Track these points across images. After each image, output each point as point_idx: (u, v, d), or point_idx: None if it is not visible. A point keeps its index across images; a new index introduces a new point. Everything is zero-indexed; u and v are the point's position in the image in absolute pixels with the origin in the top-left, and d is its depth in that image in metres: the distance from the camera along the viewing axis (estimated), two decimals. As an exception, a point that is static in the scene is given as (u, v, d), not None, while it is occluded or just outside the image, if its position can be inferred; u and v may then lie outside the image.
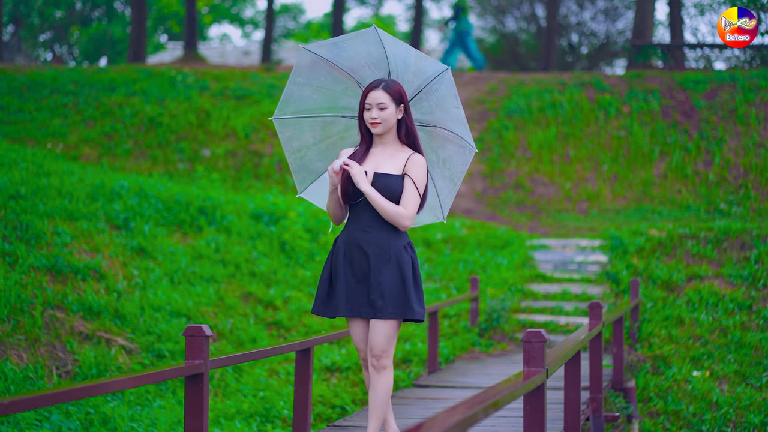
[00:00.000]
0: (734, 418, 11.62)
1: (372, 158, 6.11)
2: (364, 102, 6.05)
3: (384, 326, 5.99)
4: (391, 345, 6.02)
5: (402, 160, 6.06)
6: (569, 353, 6.72)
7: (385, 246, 6.00)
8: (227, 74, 23.69)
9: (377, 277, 5.97)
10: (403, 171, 6.03)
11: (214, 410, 10.02)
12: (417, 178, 6.02)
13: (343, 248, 6.09)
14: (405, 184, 6.00)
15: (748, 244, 15.04)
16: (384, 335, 5.99)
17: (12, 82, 22.15)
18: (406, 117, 6.09)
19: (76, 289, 11.16)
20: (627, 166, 20.75)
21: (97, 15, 40.51)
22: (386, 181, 6.00)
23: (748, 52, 26.98)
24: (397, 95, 6.04)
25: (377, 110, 6.02)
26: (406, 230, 6.08)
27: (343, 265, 6.06)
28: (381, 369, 6.02)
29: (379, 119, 6.02)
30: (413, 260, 6.07)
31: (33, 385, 9.40)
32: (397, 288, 5.98)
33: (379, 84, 6.05)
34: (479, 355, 12.76)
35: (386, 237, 6.01)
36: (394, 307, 5.98)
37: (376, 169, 6.05)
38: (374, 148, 6.14)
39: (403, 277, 5.99)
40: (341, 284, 6.06)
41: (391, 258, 5.99)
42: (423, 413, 8.74)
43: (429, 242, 16.08)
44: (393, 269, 5.98)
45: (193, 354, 5.93)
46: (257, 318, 12.68)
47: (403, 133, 6.11)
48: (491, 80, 24.56)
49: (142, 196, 14.24)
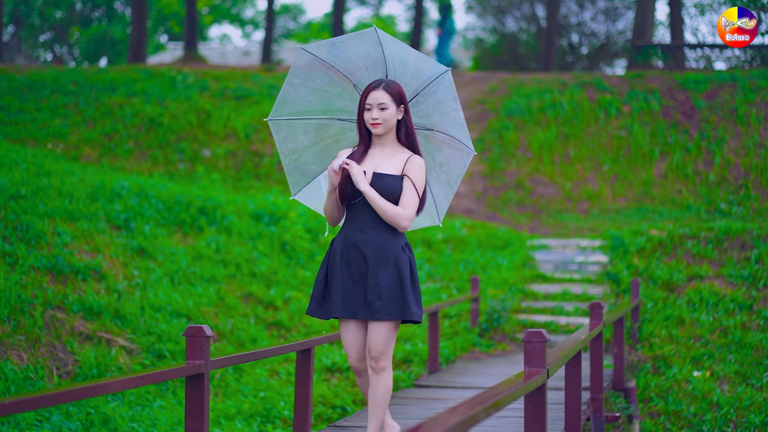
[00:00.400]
0: (735, 419, 11.62)
1: (371, 159, 6.07)
2: (365, 102, 6.02)
3: (382, 327, 5.94)
4: (390, 346, 5.98)
5: (401, 160, 6.03)
6: (570, 353, 6.71)
7: (383, 247, 5.95)
8: (227, 74, 23.69)
9: (375, 278, 5.92)
10: (402, 172, 5.99)
11: (214, 410, 10.01)
12: (416, 180, 5.98)
13: (340, 249, 6.04)
14: (404, 185, 5.97)
15: (749, 244, 15.03)
16: (382, 337, 5.95)
17: (12, 83, 22.15)
18: (405, 118, 6.06)
19: (76, 289, 11.15)
20: (627, 166, 20.75)
21: (97, 15, 40.51)
22: (385, 181, 5.97)
23: (749, 52, 26.98)
24: (397, 96, 6.01)
25: (378, 110, 5.99)
26: (404, 231, 6.04)
27: (339, 266, 6.01)
28: (380, 371, 5.98)
29: (380, 120, 5.99)
30: (411, 261, 6.03)
31: (33, 385, 9.39)
32: (395, 289, 5.93)
33: (379, 84, 6.01)
34: (480, 356, 12.75)
35: (384, 238, 5.97)
36: (392, 308, 5.93)
37: (375, 169, 6.01)
38: (373, 148, 6.11)
39: (401, 278, 5.95)
40: (338, 285, 6.00)
41: (389, 259, 5.94)
42: (424, 413, 8.73)
43: (429, 242, 16.08)
44: (391, 270, 5.94)
45: (194, 354, 5.92)
46: (257, 318, 12.67)
47: (402, 134, 6.08)
48: (491, 80, 24.56)
49: (143, 196, 14.24)
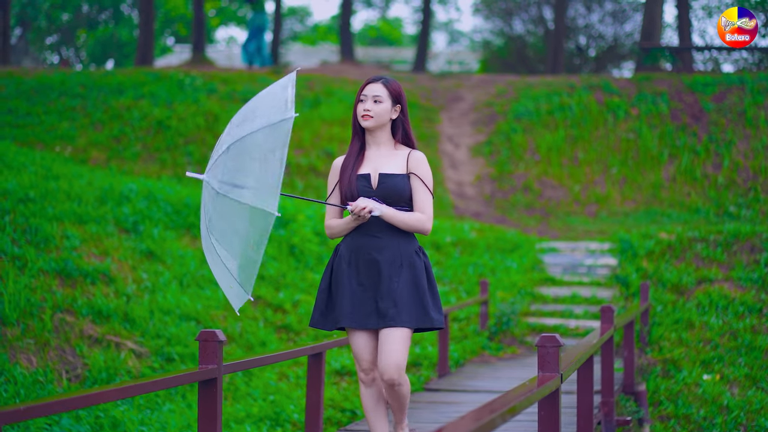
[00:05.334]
0: (745, 422, 11.58)
1: (369, 160, 5.86)
2: (360, 93, 5.84)
3: (398, 336, 5.67)
4: (406, 357, 5.69)
5: (402, 158, 5.83)
6: (583, 358, 6.69)
7: (396, 252, 5.73)
8: (235, 77, 23.69)
9: (389, 285, 5.69)
10: (407, 170, 5.80)
11: (224, 414, 9.99)
12: (425, 176, 5.80)
13: (347, 255, 5.80)
14: (415, 186, 5.78)
15: (758, 247, 14.99)
16: (398, 347, 5.67)
17: (20, 86, 22.16)
18: (402, 118, 5.88)
19: (85, 292, 11.15)
20: (636, 168, 20.72)
21: (104, 18, 40.54)
22: (393, 181, 5.76)
23: (757, 55, 26.95)
24: (395, 93, 5.83)
25: (371, 102, 5.79)
26: (414, 234, 5.84)
27: (347, 273, 5.77)
28: (398, 386, 5.74)
29: (371, 112, 5.78)
30: (427, 265, 5.81)
31: (42, 389, 9.38)
32: (411, 295, 5.70)
33: (379, 78, 5.86)
34: (489, 359, 12.73)
35: (397, 242, 5.75)
36: (409, 315, 5.69)
37: (378, 170, 5.82)
38: (368, 150, 5.89)
39: (416, 283, 5.72)
40: (345, 293, 5.75)
41: (403, 264, 5.72)
42: (434, 417, 8.71)
43: (438, 245, 16.06)
44: (406, 275, 5.71)
45: (206, 359, 5.89)
46: (266, 321, 12.66)
47: (399, 135, 5.89)
48: (499, 83, 24.55)
49: (151, 199, 14.23)
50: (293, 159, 19.93)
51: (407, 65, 35.28)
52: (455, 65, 38.95)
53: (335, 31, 46.68)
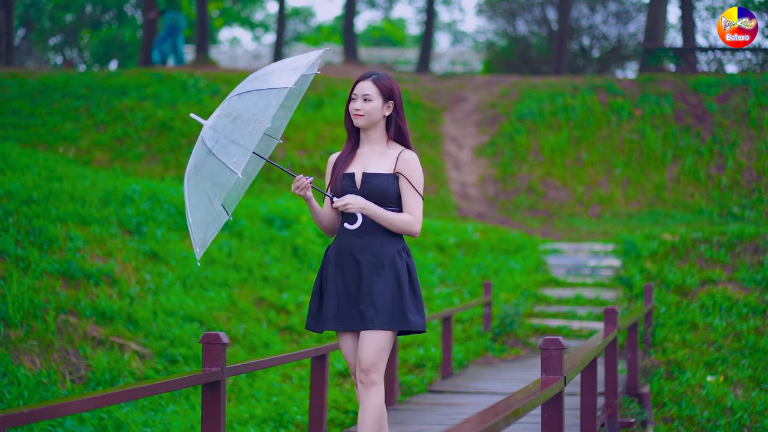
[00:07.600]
0: (749, 424, 11.57)
1: (359, 159, 5.80)
2: (351, 92, 5.77)
3: (374, 337, 5.59)
4: (382, 359, 5.60)
5: (392, 158, 5.75)
6: (586, 360, 6.68)
7: (378, 253, 5.64)
8: (239, 78, 23.65)
9: (369, 286, 5.61)
10: (395, 170, 5.73)
11: (227, 415, 10.00)
12: (413, 178, 5.71)
13: (334, 257, 5.75)
14: (403, 187, 5.71)
15: (762, 248, 14.98)
16: (373, 347, 5.58)
17: (23, 87, 22.16)
18: (395, 115, 5.79)
19: (88, 294, 11.15)
20: (639, 169, 20.71)
21: (108, 18, 40.57)
22: (376, 180, 5.69)
23: (761, 55, 26.93)
24: (386, 90, 5.75)
25: (362, 101, 5.73)
26: (402, 235, 5.76)
27: (333, 276, 5.72)
28: (370, 385, 5.58)
29: (362, 111, 5.71)
30: (410, 266, 5.71)
31: (46, 390, 9.38)
32: (392, 297, 5.62)
33: (369, 75, 5.77)
34: (493, 360, 12.73)
35: (380, 242, 5.66)
36: (388, 317, 5.60)
37: (364, 169, 5.76)
38: (361, 148, 5.84)
39: (398, 284, 5.64)
40: (331, 296, 5.70)
41: (384, 265, 5.63)
42: (438, 419, 8.71)
43: (442, 247, 16.05)
44: (387, 277, 5.63)
45: (210, 361, 5.90)
46: (270, 323, 12.66)
47: (392, 132, 5.81)
48: (503, 84, 24.55)
49: (155, 200, 14.23)
50: (296, 159, 19.93)
51: (410, 66, 35.29)
52: (458, 66, 38.95)
53: (338, 31, 46.71)
